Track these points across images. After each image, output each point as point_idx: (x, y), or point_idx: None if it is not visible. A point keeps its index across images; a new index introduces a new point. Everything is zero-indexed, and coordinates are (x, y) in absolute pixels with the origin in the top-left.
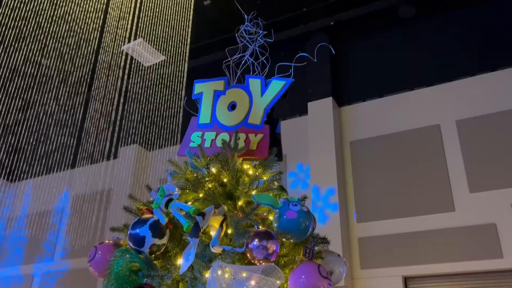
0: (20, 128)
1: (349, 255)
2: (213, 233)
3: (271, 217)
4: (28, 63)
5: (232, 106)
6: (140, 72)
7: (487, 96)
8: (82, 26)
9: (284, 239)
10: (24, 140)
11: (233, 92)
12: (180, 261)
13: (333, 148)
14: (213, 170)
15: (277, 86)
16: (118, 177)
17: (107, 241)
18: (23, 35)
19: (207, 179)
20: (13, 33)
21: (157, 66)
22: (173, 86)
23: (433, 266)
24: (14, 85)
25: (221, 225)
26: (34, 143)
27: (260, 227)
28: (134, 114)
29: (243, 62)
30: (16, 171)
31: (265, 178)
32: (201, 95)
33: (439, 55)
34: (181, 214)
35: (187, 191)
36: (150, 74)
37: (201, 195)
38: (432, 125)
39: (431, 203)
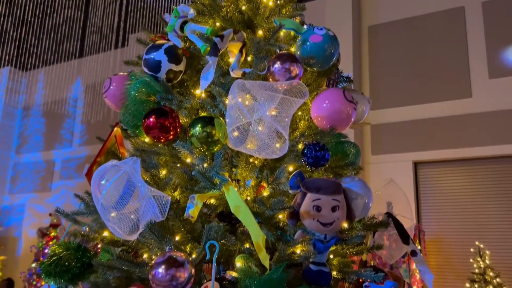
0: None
1: (361, 142)
2: (232, 59)
3: (293, 49)
4: None
5: None
6: None
7: None
8: None
9: (307, 68)
10: (31, 12)
11: None
12: (198, 90)
13: (350, 33)
14: None
15: None
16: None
17: (121, 73)
18: None
19: (224, 3)
20: None
21: None
22: None
23: (445, 152)
24: None
25: (240, 51)
26: (41, 15)
27: None
28: None
29: None
30: (27, 58)
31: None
32: None
33: None
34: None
35: (202, 17)
36: None
37: (218, 24)
38: (456, 7)
39: (448, 89)
